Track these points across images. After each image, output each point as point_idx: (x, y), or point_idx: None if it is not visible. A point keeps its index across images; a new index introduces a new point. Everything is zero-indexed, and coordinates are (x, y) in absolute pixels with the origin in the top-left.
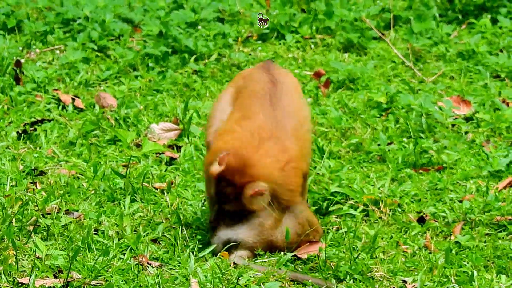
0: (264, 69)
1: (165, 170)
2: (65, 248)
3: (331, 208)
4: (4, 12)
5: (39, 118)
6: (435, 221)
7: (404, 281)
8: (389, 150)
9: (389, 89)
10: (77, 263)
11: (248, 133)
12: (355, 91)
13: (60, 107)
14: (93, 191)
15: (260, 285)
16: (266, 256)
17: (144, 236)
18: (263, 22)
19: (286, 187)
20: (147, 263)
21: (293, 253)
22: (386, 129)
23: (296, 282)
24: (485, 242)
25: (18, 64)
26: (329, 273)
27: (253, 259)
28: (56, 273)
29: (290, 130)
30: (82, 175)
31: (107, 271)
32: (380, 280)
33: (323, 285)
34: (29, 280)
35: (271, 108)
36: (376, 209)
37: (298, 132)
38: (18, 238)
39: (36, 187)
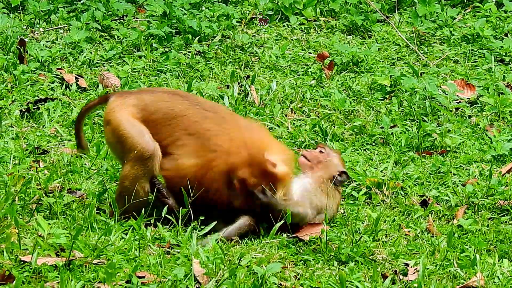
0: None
1: None
2: (67, 227)
3: None
4: None
5: (42, 97)
6: (438, 204)
7: (406, 264)
8: (392, 133)
9: (393, 72)
10: (79, 242)
11: None
12: (359, 74)
13: (64, 86)
14: (95, 170)
15: (262, 266)
16: (267, 238)
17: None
18: (264, 22)
19: None
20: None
21: (294, 235)
22: (389, 112)
23: (296, 264)
24: (487, 226)
25: (22, 43)
26: (331, 255)
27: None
28: (58, 252)
29: None
30: (85, 154)
31: (109, 250)
32: (382, 263)
33: None
34: (31, 258)
35: None
36: (379, 192)
37: None
38: (20, 217)
39: (39, 165)
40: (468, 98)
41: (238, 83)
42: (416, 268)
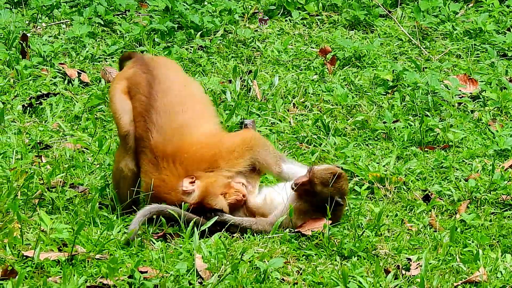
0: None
1: None
2: (69, 222)
3: None
4: None
5: (44, 92)
6: (441, 199)
7: (409, 259)
8: (394, 128)
9: (396, 67)
10: (82, 237)
11: None
12: (361, 69)
13: (66, 81)
14: (98, 165)
15: (264, 261)
16: (270, 233)
17: None
18: (264, 22)
19: None
20: (151, 238)
21: (297, 230)
22: (392, 107)
23: (298, 259)
24: (490, 221)
25: (24, 38)
26: (333, 250)
27: None
28: (60, 247)
29: None
30: (87, 149)
31: (112, 245)
32: (384, 257)
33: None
34: (33, 253)
35: None
36: (381, 186)
37: None
38: (23, 211)
39: (41, 160)
40: (470, 93)
41: (240, 78)
42: (419, 263)
